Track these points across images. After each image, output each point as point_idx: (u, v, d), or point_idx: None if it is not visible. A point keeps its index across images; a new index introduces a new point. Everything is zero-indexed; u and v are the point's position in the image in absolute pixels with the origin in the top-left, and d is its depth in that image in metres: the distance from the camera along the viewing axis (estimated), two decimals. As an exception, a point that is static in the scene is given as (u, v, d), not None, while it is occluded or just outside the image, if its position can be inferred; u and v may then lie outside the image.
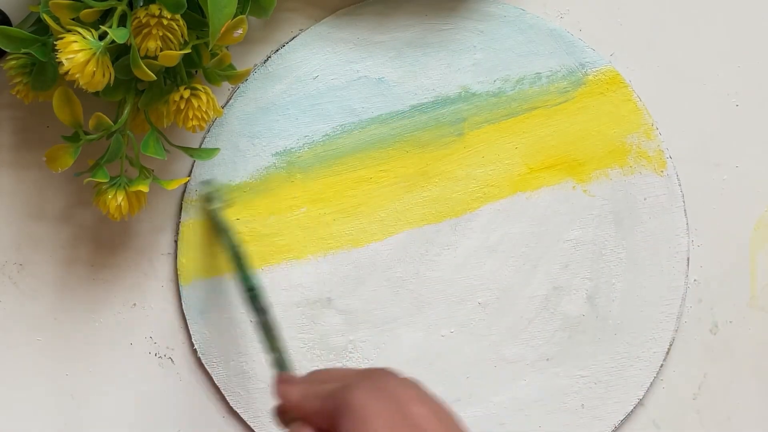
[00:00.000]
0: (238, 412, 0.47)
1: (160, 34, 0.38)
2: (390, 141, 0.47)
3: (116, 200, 0.41)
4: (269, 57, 0.47)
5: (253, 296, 0.42)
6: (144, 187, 0.41)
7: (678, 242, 0.48)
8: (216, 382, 0.47)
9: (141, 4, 0.38)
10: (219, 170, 0.46)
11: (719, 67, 0.49)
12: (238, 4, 0.40)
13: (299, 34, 0.47)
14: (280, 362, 0.40)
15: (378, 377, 0.34)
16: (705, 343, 0.49)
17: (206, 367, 0.47)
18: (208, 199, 0.46)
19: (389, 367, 0.35)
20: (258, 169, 0.47)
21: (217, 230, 0.46)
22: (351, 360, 0.47)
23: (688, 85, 0.49)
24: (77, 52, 0.37)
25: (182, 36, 0.39)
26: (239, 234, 0.46)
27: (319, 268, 0.47)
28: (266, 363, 0.46)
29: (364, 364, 0.47)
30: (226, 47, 0.42)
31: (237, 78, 0.43)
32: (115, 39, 0.37)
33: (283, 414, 0.37)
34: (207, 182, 0.46)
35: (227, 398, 0.47)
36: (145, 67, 0.38)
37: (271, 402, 0.47)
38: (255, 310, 0.42)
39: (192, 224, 0.46)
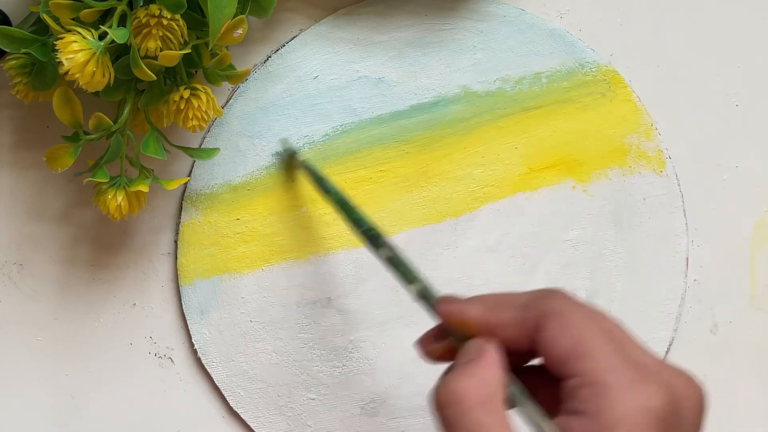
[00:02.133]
0: (238, 412, 0.47)
1: (160, 34, 0.38)
2: (390, 141, 0.47)
3: (116, 200, 0.41)
4: (269, 57, 0.47)
5: (374, 235, 0.40)
6: (144, 187, 0.41)
7: (678, 242, 0.48)
8: (216, 382, 0.47)
9: (141, 4, 0.38)
10: (219, 170, 0.46)
11: (719, 67, 0.49)
12: (238, 4, 0.40)
13: (299, 34, 0.47)
14: (423, 291, 0.37)
15: (565, 293, 0.34)
16: (705, 343, 0.49)
17: (206, 367, 0.47)
18: (294, 154, 0.46)
19: (560, 288, 0.35)
20: (258, 169, 0.47)
21: (313, 181, 0.45)
22: (351, 360, 0.47)
23: (688, 85, 0.49)
24: (77, 52, 0.37)
25: (182, 36, 0.39)
26: (233, 236, 0.46)
27: (319, 268, 0.47)
28: (280, 358, 0.45)
29: (364, 364, 0.47)
30: (226, 47, 0.42)
31: (237, 78, 0.43)
32: (115, 39, 0.37)
33: (436, 341, 0.36)
34: (284, 141, 0.46)
35: (227, 398, 0.47)
36: (145, 67, 0.38)
37: (271, 401, 0.47)
38: (378, 249, 0.40)
39: (192, 224, 0.46)
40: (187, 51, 0.40)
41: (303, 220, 0.47)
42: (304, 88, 0.47)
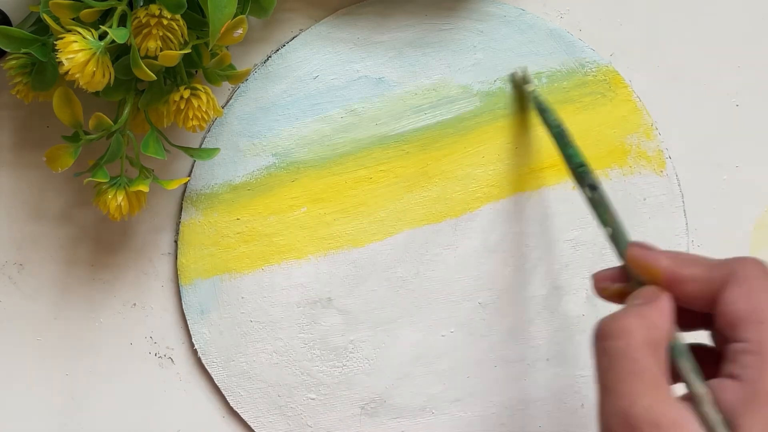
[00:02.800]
0: (238, 412, 0.47)
1: (160, 34, 0.38)
2: (390, 141, 0.47)
3: (116, 200, 0.41)
4: (269, 57, 0.47)
5: (583, 172, 0.41)
6: (144, 187, 0.41)
7: (678, 242, 0.48)
8: (216, 382, 0.47)
9: (141, 4, 0.38)
10: (219, 170, 0.46)
11: (719, 67, 0.49)
12: (238, 4, 0.40)
13: (299, 34, 0.47)
14: (616, 234, 0.38)
15: (757, 261, 0.34)
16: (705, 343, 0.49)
17: (206, 367, 0.47)
18: (525, 80, 0.46)
19: (755, 258, 0.35)
20: (258, 169, 0.47)
21: (538, 111, 0.45)
22: (351, 360, 0.47)
23: (688, 85, 0.49)
24: (77, 52, 0.37)
25: (182, 36, 0.39)
26: (233, 236, 0.46)
27: (319, 268, 0.47)
28: (280, 358, 0.45)
29: (364, 364, 0.47)
30: (226, 47, 0.42)
31: (237, 78, 0.43)
32: (115, 39, 0.37)
33: (613, 281, 0.37)
34: (520, 68, 0.47)
35: (227, 398, 0.47)
36: (145, 67, 0.38)
37: (271, 401, 0.47)
38: (586, 186, 0.40)
39: (192, 224, 0.46)
40: (187, 51, 0.40)
41: (303, 220, 0.47)
42: (304, 88, 0.47)
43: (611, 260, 0.48)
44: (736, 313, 0.32)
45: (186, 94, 0.41)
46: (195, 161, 0.47)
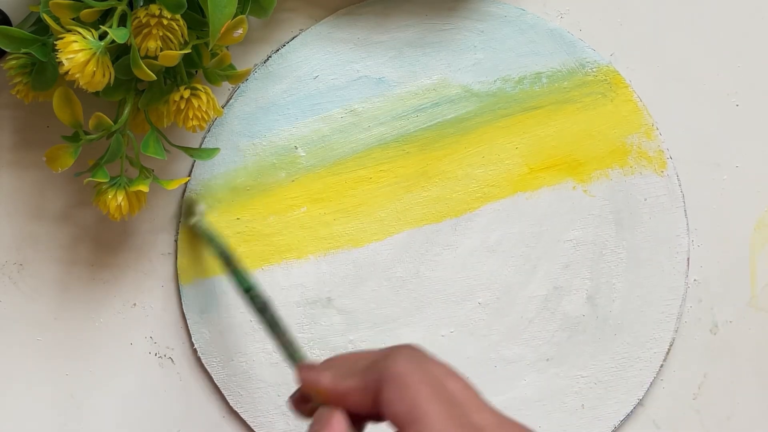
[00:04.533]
0: (238, 412, 0.47)
1: (160, 34, 0.38)
2: (390, 141, 0.47)
3: (116, 200, 0.41)
4: (269, 57, 0.47)
5: (252, 296, 0.42)
6: (144, 187, 0.41)
7: (678, 242, 0.48)
8: (216, 382, 0.47)
9: (141, 4, 0.38)
10: (219, 170, 0.46)
11: (719, 67, 0.49)
12: (238, 4, 0.40)
13: (299, 34, 0.47)
14: (292, 355, 0.40)
15: (410, 352, 0.34)
16: (705, 343, 0.49)
17: (206, 367, 0.47)
18: (186, 214, 0.46)
19: (413, 344, 0.35)
20: (258, 169, 0.47)
21: (204, 240, 0.46)
22: (351, 360, 0.47)
23: (688, 85, 0.49)
24: (77, 52, 0.37)
25: (182, 36, 0.39)
26: (233, 236, 0.46)
27: (319, 268, 0.47)
28: (279, 358, 0.45)
29: (364, 364, 0.47)
30: (226, 47, 0.42)
31: (237, 78, 0.43)
32: (115, 39, 0.37)
33: (303, 403, 0.37)
34: (187, 198, 0.46)
35: (227, 398, 0.47)
36: (145, 67, 0.38)
37: (271, 401, 0.47)
38: (256, 310, 0.42)
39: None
40: (187, 51, 0.40)
41: (303, 220, 0.47)
42: (304, 87, 0.47)
43: (612, 261, 0.48)
44: (395, 414, 0.32)
45: (186, 94, 0.41)
46: (195, 161, 0.47)
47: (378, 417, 0.34)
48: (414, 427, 0.31)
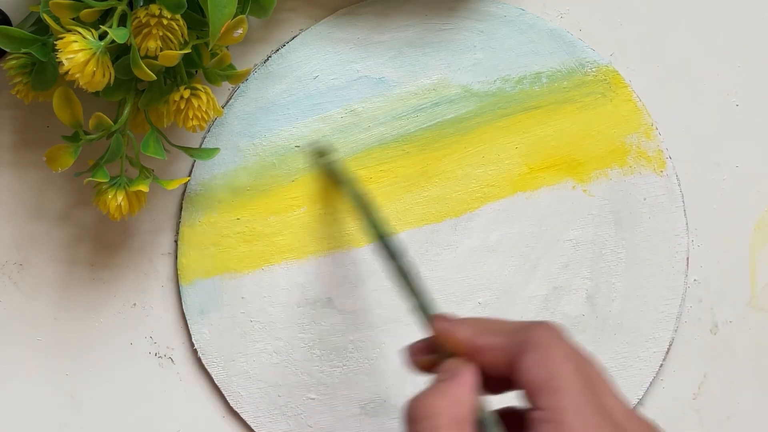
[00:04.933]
0: (238, 412, 0.47)
1: (160, 34, 0.38)
2: (390, 141, 0.47)
3: (116, 200, 0.41)
4: (269, 57, 0.47)
5: (386, 243, 0.41)
6: (144, 187, 0.41)
7: (678, 242, 0.48)
8: (216, 382, 0.47)
9: (141, 4, 0.38)
10: (219, 170, 0.46)
11: (719, 67, 0.49)
12: (238, 4, 0.40)
13: (299, 34, 0.47)
14: (422, 305, 0.39)
15: (555, 327, 0.34)
16: (705, 343, 0.49)
17: (206, 367, 0.47)
18: (320, 153, 0.46)
19: (553, 322, 0.35)
20: (258, 169, 0.47)
21: (337, 182, 0.45)
22: (351, 360, 0.47)
23: (688, 85, 0.49)
24: (77, 52, 0.37)
25: (182, 36, 0.39)
26: (233, 236, 0.46)
27: (319, 268, 0.47)
28: (280, 358, 0.45)
29: (364, 364, 0.47)
30: (226, 47, 0.42)
31: (237, 78, 0.43)
32: (115, 39, 0.37)
33: (423, 354, 0.37)
34: (316, 142, 0.46)
35: (227, 398, 0.47)
36: (145, 67, 0.38)
37: (271, 401, 0.47)
38: (389, 257, 0.41)
39: (192, 224, 0.46)
40: (187, 51, 0.40)
41: (303, 220, 0.47)
42: (304, 88, 0.47)
43: (611, 260, 0.48)
44: (532, 381, 0.32)
45: (186, 94, 0.41)
46: (195, 161, 0.47)
47: (502, 384, 0.34)
48: (550, 396, 0.32)
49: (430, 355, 0.37)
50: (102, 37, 0.38)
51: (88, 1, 0.37)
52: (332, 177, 0.46)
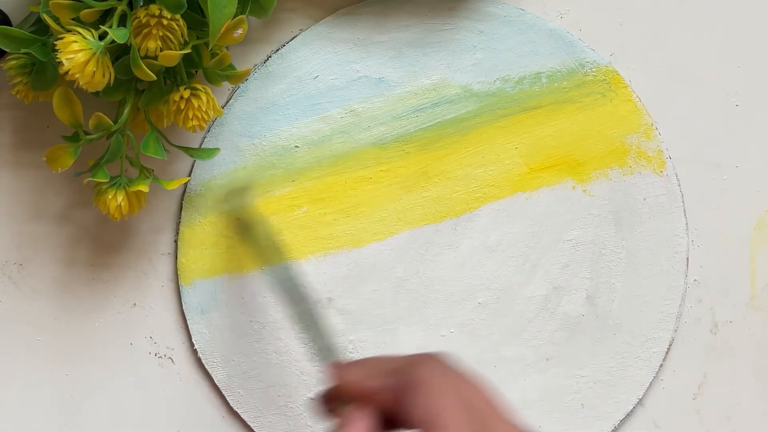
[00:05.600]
0: (238, 412, 0.47)
1: (160, 34, 0.38)
2: (390, 141, 0.47)
3: (116, 200, 0.41)
4: (269, 57, 0.47)
5: (291, 287, 0.41)
6: (144, 187, 0.41)
7: (678, 242, 0.48)
8: (216, 382, 0.47)
9: (141, 4, 0.38)
10: (219, 170, 0.46)
11: (719, 67, 0.49)
12: (238, 4, 0.40)
13: (299, 34, 0.47)
14: (325, 350, 0.39)
15: (438, 359, 0.34)
16: (705, 343, 0.49)
17: (206, 367, 0.47)
18: (227, 199, 0.46)
19: (442, 352, 0.35)
20: (258, 169, 0.47)
21: (243, 227, 0.45)
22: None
23: (688, 85, 0.49)
24: (77, 52, 0.37)
25: (182, 36, 0.39)
26: (233, 236, 0.46)
27: (319, 268, 0.47)
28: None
29: (364, 364, 0.47)
30: (226, 47, 0.42)
31: (237, 78, 0.43)
32: (115, 39, 0.37)
33: (331, 401, 0.37)
34: (230, 187, 0.46)
35: (227, 398, 0.47)
36: (145, 67, 0.38)
37: (271, 401, 0.47)
38: (293, 301, 0.41)
39: (192, 224, 0.46)
40: (187, 51, 0.40)
41: (303, 220, 0.47)
42: (304, 88, 0.47)
43: (611, 260, 0.48)
44: (418, 420, 0.32)
45: (186, 94, 0.41)
46: (195, 161, 0.47)
47: (398, 423, 0.34)
48: None
49: (333, 402, 0.37)
50: (102, 37, 0.38)
51: (88, 1, 0.37)
52: (239, 221, 0.46)
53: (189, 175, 0.47)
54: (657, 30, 0.49)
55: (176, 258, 0.47)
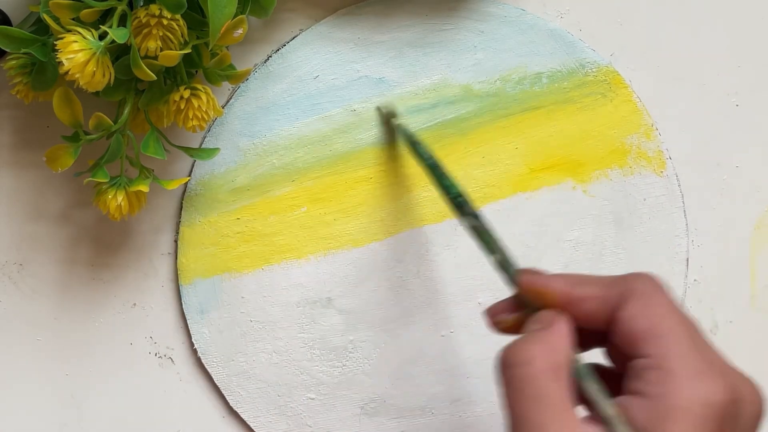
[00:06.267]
0: (238, 412, 0.47)
1: (160, 34, 0.38)
2: (390, 141, 0.47)
3: (116, 200, 0.41)
4: (269, 57, 0.47)
5: (462, 202, 0.40)
6: (144, 187, 0.41)
7: (678, 242, 0.48)
8: (216, 382, 0.47)
9: (141, 4, 0.38)
10: (219, 170, 0.46)
11: (719, 67, 0.49)
12: (238, 4, 0.40)
13: (299, 33, 0.47)
14: (504, 262, 0.38)
15: (653, 277, 0.34)
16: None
17: (206, 367, 0.47)
18: (391, 114, 0.46)
19: (652, 273, 0.35)
20: (258, 168, 0.47)
21: (408, 144, 0.45)
22: (351, 360, 0.47)
23: (688, 85, 0.49)
24: (77, 52, 0.37)
25: (182, 36, 0.39)
26: (233, 236, 0.46)
27: (319, 268, 0.47)
28: (279, 358, 0.45)
29: (364, 364, 0.47)
30: (226, 47, 0.42)
31: (237, 78, 0.43)
32: (115, 39, 0.37)
33: (508, 312, 0.37)
34: (384, 104, 0.46)
35: (227, 398, 0.47)
36: (145, 67, 0.38)
37: (271, 401, 0.47)
38: (466, 216, 0.40)
39: (192, 224, 0.46)
40: (188, 51, 0.40)
41: (303, 220, 0.47)
42: (304, 87, 0.47)
43: (611, 260, 0.48)
44: (636, 329, 0.32)
45: (186, 94, 0.41)
46: (195, 161, 0.47)
47: (591, 339, 0.34)
48: (656, 343, 0.32)
49: (513, 313, 0.37)
50: (102, 37, 0.38)
51: (88, 1, 0.37)
52: (403, 139, 0.45)
53: (189, 175, 0.47)
54: (657, 30, 0.49)
55: (176, 258, 0.47)
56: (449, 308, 0.47)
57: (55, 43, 0.37)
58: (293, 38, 0.47)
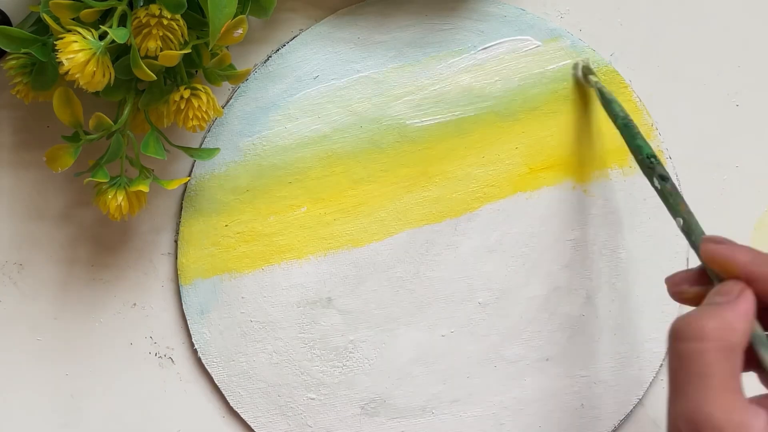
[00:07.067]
0: (238, 412, 0.47)
1: (160, 34, 0.38)
2: (390, 141, 0.47)
3: (116, 200, 0.41)
4: (269, 57, 0.47)
5: (653, 163, 0.40)
6: (144, 187, 0.41)
7: (678, 242, 0.48)
8: (216, 382, 0.47)
9: (141, 4, 0.38)
10: (219, 170, 0.46)
11: (719, 67, 0.49)
12: (238, 4, 0.40)
13: (299, 34, 0.47)
14: (689, 226, 0.37)
15: None
16: None
17: (206, 367, 0.47)
18: (588, 71, 0.46)
19: None
20: (258, 169, 0.47)
21: (603, 102, 0.45)
22: (351, 360, 0.47)
23: (688, 85, 0.49)
24: (77, 52, 0.37)
25: (182, 36, 0.39)
26: (233, 236, 0.46)
27: (319, 268, 0.47)
28: (280, 358, 0.45)
29: (364, 364, 0.47)
30: (226, 47, 0.42)
31: (237, 78, 0.43)
32: (115, 39, 0.37)
33: (690, 284, 0.36)
34: (582, 60, 0.47)
35: (227, 398, 0.47)
36: (145, 67, 0.38)
37: (271, 401, 0.47)
38: (656, 177, 0.39)
39: (192, 224, 0.46)
40: (188, 51, 0.40)
41: (303, 220, 0.47)
42: (304, 87, 0.47)
43: (611, 260, 0.48)
44: None
45: (186, 94, 0.41)
46: (195, 161, 0.47)
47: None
48: None
49: (695, 285, 0.35)
50: (102, 37, 0.38)
51: (88, 1, 0.37)
52: (598, 97, 0.45)
53: (189, 175, 0.47)
54: (657, 30, 0.49)
55: (176, 258, 0.47)
56: (449, 308, 0.47)
57: (55, 43, 0.37)
58: (293, 38, 0.47)
